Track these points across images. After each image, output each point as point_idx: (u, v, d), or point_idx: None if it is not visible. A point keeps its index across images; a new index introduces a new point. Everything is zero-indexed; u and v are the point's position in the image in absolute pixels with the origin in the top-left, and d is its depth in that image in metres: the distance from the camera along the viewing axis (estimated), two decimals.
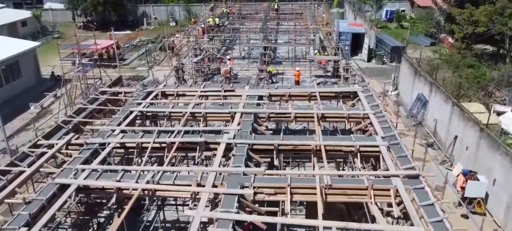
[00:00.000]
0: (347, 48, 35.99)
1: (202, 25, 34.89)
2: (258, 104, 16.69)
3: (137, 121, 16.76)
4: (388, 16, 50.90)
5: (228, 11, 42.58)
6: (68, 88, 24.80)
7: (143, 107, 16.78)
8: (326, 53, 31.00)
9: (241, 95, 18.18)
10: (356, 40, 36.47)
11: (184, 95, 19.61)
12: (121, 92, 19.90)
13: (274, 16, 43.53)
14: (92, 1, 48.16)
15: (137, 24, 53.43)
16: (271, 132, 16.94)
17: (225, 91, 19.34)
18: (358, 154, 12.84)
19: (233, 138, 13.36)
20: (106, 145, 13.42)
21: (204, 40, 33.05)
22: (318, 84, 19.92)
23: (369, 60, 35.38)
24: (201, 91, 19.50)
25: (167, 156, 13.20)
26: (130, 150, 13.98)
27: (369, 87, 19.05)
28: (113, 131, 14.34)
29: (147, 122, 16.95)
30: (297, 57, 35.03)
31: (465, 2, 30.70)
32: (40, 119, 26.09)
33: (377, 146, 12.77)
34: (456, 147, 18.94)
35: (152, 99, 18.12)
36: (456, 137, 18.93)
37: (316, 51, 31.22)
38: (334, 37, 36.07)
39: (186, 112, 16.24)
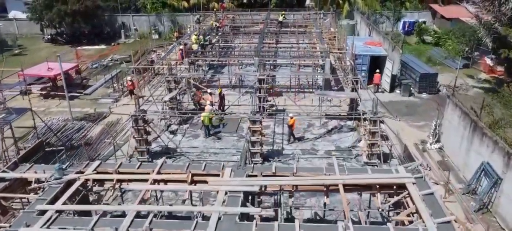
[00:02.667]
0: (364, 74, 28.70)
1: (181, 46, 27.55)
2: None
3: None
4: (406, 29, 43.58)
5: (218, 24, 35.21)
6: None
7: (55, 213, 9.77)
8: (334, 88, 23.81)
9: (218, 186, 11.16)
10: (375, 64, 29.18)
11: (129, 180, 12.56)
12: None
13: (274, 31, 36.18)
14: (58, 11, 40.78)
15: (114, 37, 46.07)
16: None
17: (193, 177, 12.30)
18: None
19: None
20: None
21: (182, 69, 25.82)
22: (335, 154, 12.58)
23: (392, 90, 28.07)
24: (156, 174, 12.52)
25: None
26: None
27: (425, 174, 11.78)
28: None
29: None
30: (301, 85, 27.73)
31: None
32: None
33: None
34: None
35: (72, 194, 11.08)
36: None
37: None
38: (348, 61, 28.82)
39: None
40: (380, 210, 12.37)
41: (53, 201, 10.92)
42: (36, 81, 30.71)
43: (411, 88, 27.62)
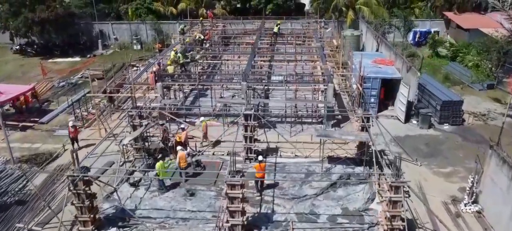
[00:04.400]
0: (374, 100, 24.06)
1: (154, 68, 22.85)
2: None
3: None
4: (416, 40, 38.93)
5: (203, 38, 30.47)
6: None
7: None
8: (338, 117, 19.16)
9: None
10: (386, 87, 24.57)
11: None
12: None
13: (268, 46, 31.50)
14: (25, 19, 36.07)
15: (92, 48, 41.34)
16: None
17: None
18: None
19: None
20: None
21: (151, 97, 21.20)
22: None
23: (407, 120, 23.42)
24: None
25: None
26: None
27: None
28: None
29: None
30: (298, 114, 23.08)
31: None
32: None
33: None
34: None
35: None
36: None
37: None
38: (354, 84, 24.26)
39: None
40: None
41: None
42: None
43: (431, 118, 22.93)
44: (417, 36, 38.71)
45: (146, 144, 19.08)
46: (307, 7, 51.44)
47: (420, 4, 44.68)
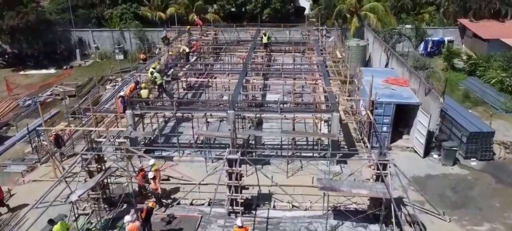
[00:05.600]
0: (386, 128, 20.26)
1: (122, 93, 18.98)
2: None
3: None
4: (428, 50, 35.13)
5: (188, 51, 26.61)
6: None
7: None
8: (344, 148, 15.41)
9: None
10: (401, 114, 20.76)
11: None
12: None
13: (262, 59, 27.82)
14: None
15: (70, 57, 37.51)
16: None
17: None
18: None
19: None
20: None
21: (114, 133, 17.42)
22: None
23: (426, 153, 19.62)
24: None
25: None
26: None
27: None
28: None
29: None
30: (297, 146, 19.31)
31: None
32: None
33: None
34: None
35: None
36: None
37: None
38: (362, 109, 20.56)
39: None
40: None
41: None
42: None
43: (456, 151, 19.11)
44: (429, 46, 34.90)
45: (107, 191, 15.34)
46: (307, 11, 47.69)
47: (430, 9, 40.95)
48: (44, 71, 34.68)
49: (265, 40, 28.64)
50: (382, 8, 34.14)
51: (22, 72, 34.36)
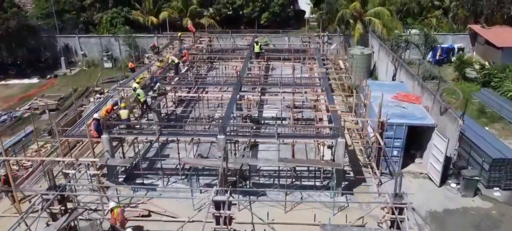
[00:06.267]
0: (397, 152, 18.02)
1: (97, 115, 16.63)
2: None
3: None
4: (437, 57, 32.86)
5: (177, 61, 24.29)
6: None
7: None
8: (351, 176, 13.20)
9: None
10: (413, 135, 18.49)
11: None
12: None
13: (257, 70, 25.62)
14: None
15: (56, 65, 35.24)
16: None
17: None
18: None
19: None
20: None
21: (90, 162, 15.22)
22: None
23: (443, 181, 17.37)
24: None
25: None
26: None
27: None
28: None
29: None
30: (297, 174, 17.07)
31: None
32: None
33: None
34: None
35: None
36: None
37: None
38: (370, 130, 18.37)
39: None
40: None
41: None
42: None
43: (477, 181, 16.84)
44: (438, 53, 32.62)
45: None
46: (307, 15, 45.43)
47: (437, 13, 38.70)
48: (26, 81, 32.42)
49: (257, 49, 26.39)
50: (388, 13, 31.86)
51: (2, 82, 32.12)
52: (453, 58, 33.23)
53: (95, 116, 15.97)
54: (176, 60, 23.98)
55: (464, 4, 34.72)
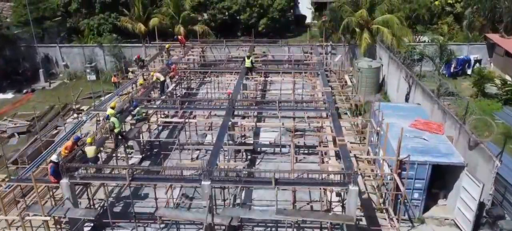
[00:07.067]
0: (418, 195, 15.10)
1: (55, 157, 13.63)
2: None
3: None
4: (451, 70, 29.98)
5: (162, 78, 21.30)
6: None
7: None
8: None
9: None
10: (436, 175, 15.56)
11: None
12: None
13: (253, 88, 22.76)
14: None
15: (35, 78, 32.28)
16: None
17: None
18: None
19: None
20: None
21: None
22: None
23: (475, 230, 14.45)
24: None
25: None
26: None
27: None
28: None
29: None
30: (298, 220, 14.19)
31: None
32: None
33: None
34: None
35: None
36: None
37: None
38: (387, 170, 15.49)
39: None
40: None
41: None
42: None
43: None
44: (453, 65, 29.74)
45: None
46: (308, 20, 42.57)
47: (448, 19, 35.84)
48: (0, 95, 29.48)
49: (247, 64, 23.44)
50: (398, 22, 28.93)
51: None
52: (469, 71, 30.49)
53: (53, 158, 13.00)
54: (162, 78, 21.04)
55: (480, 11, 31.78)
